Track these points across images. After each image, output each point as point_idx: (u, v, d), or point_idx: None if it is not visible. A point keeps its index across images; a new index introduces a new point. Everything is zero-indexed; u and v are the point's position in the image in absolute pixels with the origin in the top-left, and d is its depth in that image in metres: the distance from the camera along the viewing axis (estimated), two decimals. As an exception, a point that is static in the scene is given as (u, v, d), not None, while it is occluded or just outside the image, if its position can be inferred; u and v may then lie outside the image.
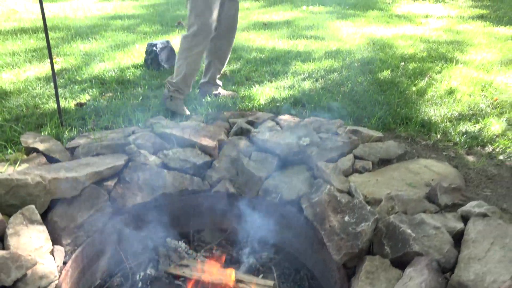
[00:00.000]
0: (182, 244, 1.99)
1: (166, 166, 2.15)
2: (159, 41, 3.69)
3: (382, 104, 3.10)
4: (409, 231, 1.63)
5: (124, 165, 2.08)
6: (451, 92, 3.39)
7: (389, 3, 7.99)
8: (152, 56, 3.62)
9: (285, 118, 2.69)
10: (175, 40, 4.72)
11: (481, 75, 3.79)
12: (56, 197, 1.82)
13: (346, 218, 1.75)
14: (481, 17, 6.86)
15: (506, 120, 2.91)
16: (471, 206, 1.81)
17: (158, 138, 2.33)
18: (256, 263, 2.03)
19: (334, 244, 1.67)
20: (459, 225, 1.73)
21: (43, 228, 1.69)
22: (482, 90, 3.47)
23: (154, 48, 3.59)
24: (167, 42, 3.75)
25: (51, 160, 2.10)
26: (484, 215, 1.75)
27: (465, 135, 2.69)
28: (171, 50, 3.77)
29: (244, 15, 6.25)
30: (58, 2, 7.33)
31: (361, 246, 1.62)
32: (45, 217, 1.79)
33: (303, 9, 6.98)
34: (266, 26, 5.57)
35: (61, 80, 3.36)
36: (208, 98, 3.09)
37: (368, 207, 1.77)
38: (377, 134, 2.50)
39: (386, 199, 1.86)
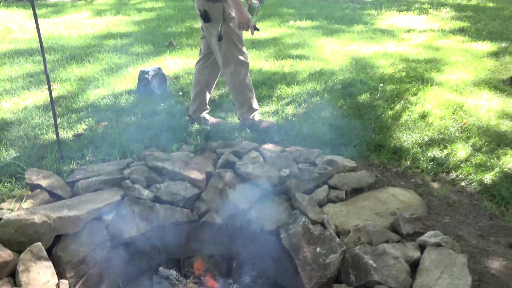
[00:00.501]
0: (173, 272, 2.22)
1: (159, 199, 2.38)
2: (151, 68, 3.91)
3: (359, 130, 3.35)
4: (371, 261, 1.87)
5: (120, 200, 2.30)
6: (424, 116, 3.65)
7: (374, 16, 8.26)
8: (144, 83, 3.84)
9: (268, 147, 2.92)
10: (167, 61, 4.95)
11: (454, 97, 4.05)
12: (60, 233, 2.04)
13: (318, 249, 2.00)
14: (461, 30, 7.14)
15: (471, 146, 3.17)
16: (428, 236, 2.06)
17: (151, 171, 2.55)
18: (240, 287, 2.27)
19: (307, 273, 1.91)
20: (416, 254, 1.97)
21: (49, 264, 1.91)
22: (453, 113, 3.73)
23: (146, 76, 3.81)
24: (159, 69, 3.96)
25: (53, 196, 2.31)
26: (438, 245, 2.00)
27: (432, 162, 2.95)
28: (163, 76, 3.99)
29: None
30: (52, 18, 7.50)
31: (329, 275, 1.87)
32: (50, 251, 2.01)
33: (291, 24, 7.22)
34: (254, 44, 5.79)
35: (58, 109, 3.57)
36: (197, 126, 3.32)
37: (337, 239, 2.02)
38: (351, 164, 2.74)
39: (354, 231, 2.10)
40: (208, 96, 3.30)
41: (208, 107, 3.39)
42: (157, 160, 2.64)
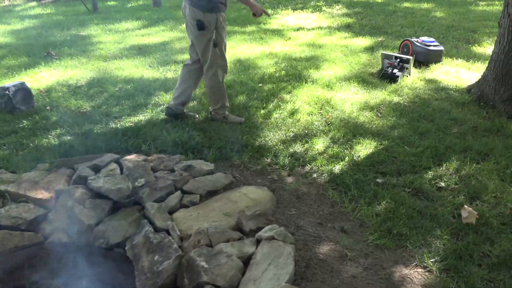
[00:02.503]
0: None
1: (-2, 225, 2.25)
2: (11, 84, 3.68)
3: (229, 131, 3.45)
4: (202, 263, 1.94)
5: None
6: (293, 113, 3.86)
7: (270, 15, 8.51)
8: (5, 99, 3.61)
9: (130, 158, 2.90)
10: (41, 73, 4.69)
11: (325, 93, 4.33)
12: None
13: (156, 257, 2.03)
14: (347, 26, 7.63)
15: (330, 138, 3.42)
16: (264, 231, 2.19)
17: (-8, 196, 2.41)
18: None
19: (141, 283, 1.93)
20: (252, 249, 2.09)
21: None
22: (321, 108, 3.98)
23: (7, 92, 3.58)
24: (21, 83, 3.74)
25: None
26: (272, 238, 2.13)
27: (291, 157, 3.13)
28: (27, 91, 3.78)
29: (121, 38, 6.31)
30: None
31: (161, 283, 1.90)
32: None
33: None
34: (141, 50, 5.70)
35: None
36: (54, 141, 3.19)
37: (175, 245, 2.07)
38: (209, 167, 2.82)
39: (195, 234, 2.17)
40: (193, 91, 3.62)
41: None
42: (1, 183, 2.49)
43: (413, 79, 4.82)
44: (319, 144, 3.31)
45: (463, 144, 3.34)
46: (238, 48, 5.99)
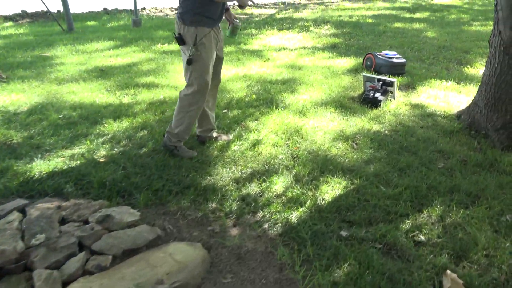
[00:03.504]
0: None
1: None
2: None
3: (173, 168, 2.93)
4: None
5: None
6: (255, 144, 3.35)
7: (252, 35, 8.13)
8: None
9: (40, 205, 2.37)
10: (-17, 99, 4.21)
11: (296, 120, 3.83)
12: None
13: None
14: (333, 47, 7.22)
15: (294, 175, 2.89)
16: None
17: None
18: None
19: None
20: None
21: None
22: (289, 139, 3.48)
23: None
24: None
25: None
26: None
27: (242, 201, 2.60)
28: None
29: (86, 59, 5.87)
30: None
31: None
32: None
33: (158, 47, 6.78)
34: (103, 72, 5.24)
35: None
36: None
37: None
38: (133, 217, 2.29)
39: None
40: (211, 114, 3.31)
41: (215, 126, 3.41)
42: None
43: (398, 104, 4.34)
44: (279, 183, 2.79)
45: (450, 183, 2.82)
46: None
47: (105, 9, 11.17)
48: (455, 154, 3.25)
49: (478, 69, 5.71)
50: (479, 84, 3.74)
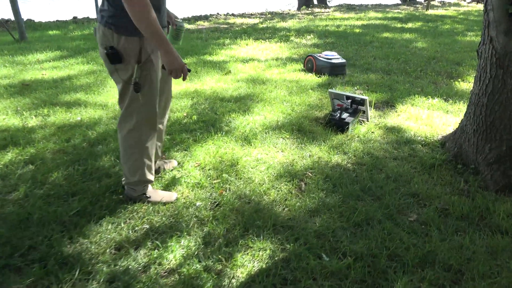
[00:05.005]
0: None
1: None
2: None
3: (37, 226, 2.09)
4: None
5: None
6: (169, 185, 2.52)
7: (224, 45, 7.35)
8: None
9: None
10: None
11: (236, 150, 3.01)
12: None
13: None
14: (310, 58, 6.42)
15: (203, 237, 2.06)
16: None
17: None
18: None
19: None
20: None
21: None
22: (218, 177, 2.65)
23: None
24: None
25: None
26: None
27: (111, 283, 1.76)
28: None
29: (17, 72, 5.08)
30: None
31: None
32: None
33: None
34: (26, 87, 4.44)
35: None
36: None
37: None
38: None
39: None
40: (159, 144, 2.50)
41: (164, 155, 2.76)
42: None
43: (370, 126, 3.52)
44: (177, 250, 1.95)
45: (422, 249, 1.99)
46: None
47: (74, 17, 10.46)
48: (433, 200, 2.42)
49: (470, 83, 4.91)
50: (468, 104, 2.93)
